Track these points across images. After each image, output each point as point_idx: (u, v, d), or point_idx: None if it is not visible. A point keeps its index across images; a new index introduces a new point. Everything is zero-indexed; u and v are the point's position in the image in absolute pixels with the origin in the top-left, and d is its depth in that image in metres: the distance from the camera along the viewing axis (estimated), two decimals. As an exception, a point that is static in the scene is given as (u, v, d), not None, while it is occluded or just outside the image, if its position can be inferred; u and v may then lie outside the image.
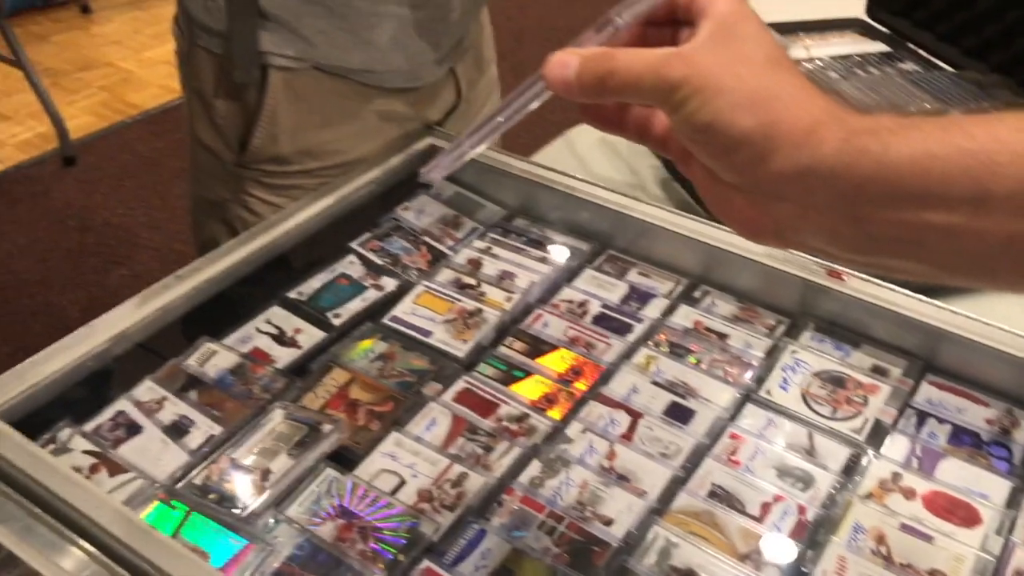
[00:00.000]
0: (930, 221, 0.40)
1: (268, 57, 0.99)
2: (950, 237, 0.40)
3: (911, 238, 0.41)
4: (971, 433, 0.79)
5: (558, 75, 0.46)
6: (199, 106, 1.05)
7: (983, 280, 0.43)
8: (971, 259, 0.41)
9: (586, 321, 0.89)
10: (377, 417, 0.78)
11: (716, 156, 0.45)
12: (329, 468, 0.72)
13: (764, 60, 0.43)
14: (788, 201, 0.43)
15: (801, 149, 0.41)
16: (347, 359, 0.83)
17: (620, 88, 0.45)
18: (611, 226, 0.98)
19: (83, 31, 3.91)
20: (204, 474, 0.71)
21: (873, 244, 0.43)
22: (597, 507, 0.71)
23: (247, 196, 1.06)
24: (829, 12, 1.37)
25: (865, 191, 0.41)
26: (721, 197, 0.46)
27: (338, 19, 0.98)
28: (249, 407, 0.77)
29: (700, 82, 0.43)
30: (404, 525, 0.68)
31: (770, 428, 0.78)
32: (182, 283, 0.83)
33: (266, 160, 1.04)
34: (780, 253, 0.88)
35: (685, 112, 0.44)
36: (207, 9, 0.99)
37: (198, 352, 0.82)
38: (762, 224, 0.46)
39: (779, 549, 0.68)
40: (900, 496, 0.73)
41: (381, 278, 0.93)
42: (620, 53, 0.45)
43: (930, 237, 0.40)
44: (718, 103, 0.42)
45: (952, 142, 0.39)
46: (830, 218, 0.42)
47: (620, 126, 0.52)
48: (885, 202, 0.40)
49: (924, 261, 0.42)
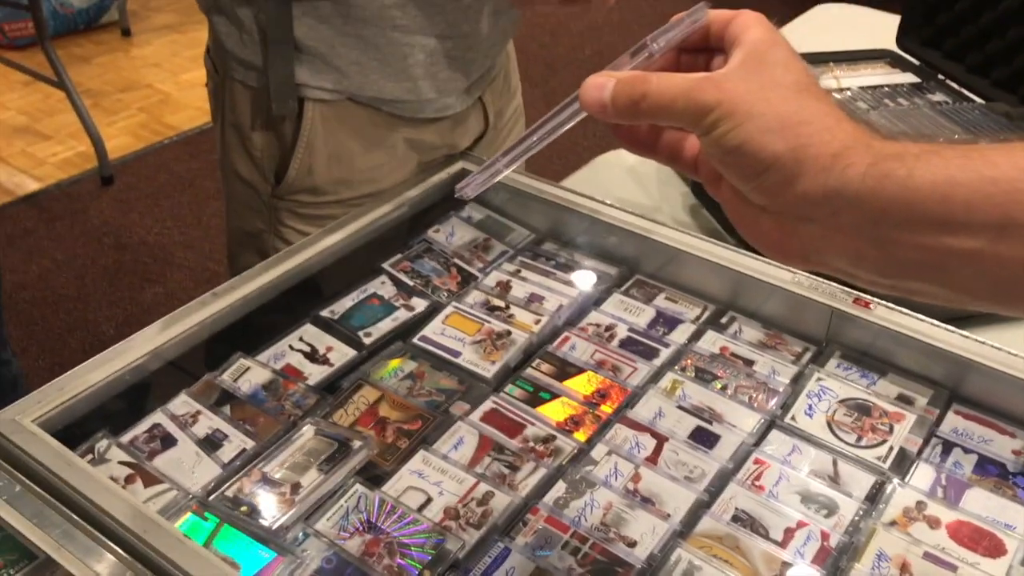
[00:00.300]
0: (952, 246, 0.41)
1: (304, 89, 1.01)
2: (971, 262, 0.41)
3: (933, 262, 0.42)
4: (997, 463, 0.78)
5: (594, 97, 0.48)
6: (235, 139, 1.08)
7: (1004, 305, 0.44)
8: (992, 284, 0.42)
9: (613, 345, 0.90)
10: (405, 435, 0.79)
11: (745, 178, 0.46)
12: (358, 484, 0.73)
13: (794, 86, 0.45)
14: (815, 223, 0.45)
15: (829, 172, 0.43)
16: (377, 377, 0.85)
17: (653, 110, 0.46)
18: (639, 251, 0.99)
19: (123, 53, 3.99)
20: (236, 487, 0.73)
21: (897, 267, 0.44)
22: (621, 528, 0.71)
23: (283, 227, 1.09)
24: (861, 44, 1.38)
25: (889, 215, 0.42)
26: (749, 218, 0.48)
27: (372, 50, 1.00)
28: (281, 422, 0.79)
29: (731, 106, 0.44)
30: (430, 542, 0.69)
31: (795, 454, 0.78)
32: (218, 300, 0.85)
33: (302, 191, 1.07)
34: (807, 280, 0.88)
35: (716, 135, 0.45)
36: (242, 43, 1.02)
37: (232, 367, 0.84)
38: (789, 245, 0.47)
39: (802, 575, 0.68)
40: (924, 525, 0.73)
41: (412, 299, 0.95)
42: (654, 77, 0.46)
43: (952, 262, 0.41)
44: (748, 127, 0.44)
45: (975, 169, 0.40)
46: (855, 240, 0.44)
47: (653, 149, 0.53)
48: (909, 226, 0.41)
49: (946, 285, 0.43)
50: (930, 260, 0.42)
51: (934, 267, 0.42)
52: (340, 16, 0.98)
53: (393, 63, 1.01)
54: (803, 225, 0.46)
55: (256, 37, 1.00)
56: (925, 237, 0.41)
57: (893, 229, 0.42)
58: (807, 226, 0.45)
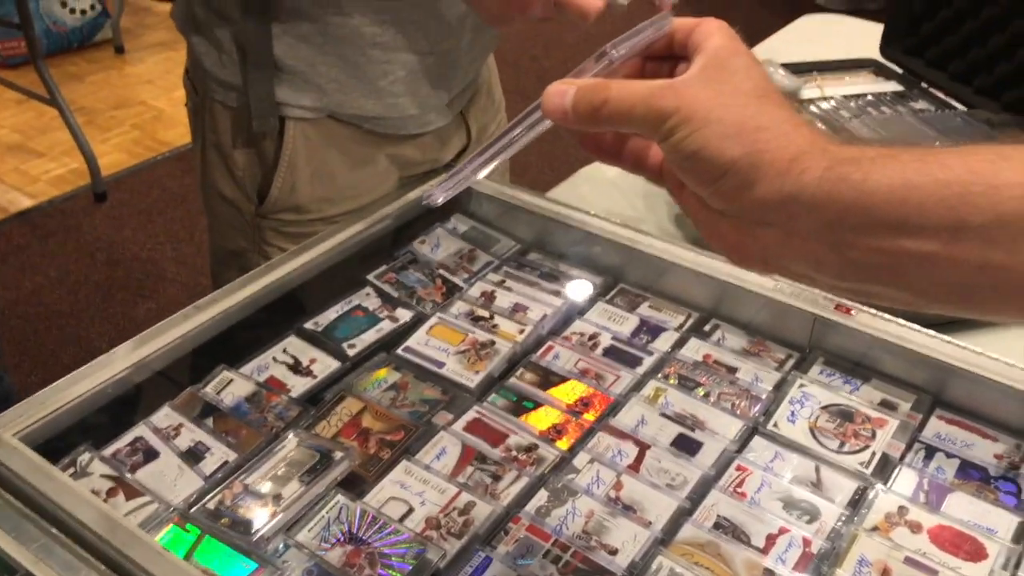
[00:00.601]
0: (908, 249, 0.41)
1: (285, 108, 1.02)
2: (927, 264, 0.41)
3: (890, 265, 0.42)
4: (979, 468, 0.79)
5: (556, 104, 0.48)
6: (217, 159, 1.08)
7: (961, 307, 0.44)
8: (948, 286, 0.42)
9: (596, 353, 0.90)
10: (388, 446, 0.79)
11: (703, 183, 0.47)
12: (339, 495, 0.73)
13: (752, 92, 0.45)
14: (773, 227, 0.45)
15: (784, 177, 0.43)
16: (360, 389, 0.85)
17: (612, 117, 0.47)
18: (623, 261, 0.99)
19: (117, 71, 4.00)
20: (218, 499, 0.73)
21: (854, 271, 0.44)
22: (602, 537, 0.71)
23: (267, 245, 1.09)
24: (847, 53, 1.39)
25: (845, 219, 0.42)
26: (711, 223, 0.48)
27: (351, 68, 1.01)
28: (263, 434, 0.79)
29: (689, 112, 0.45)
30: (411, 552, 0.69)
31: (777, 461, 0.78)
32: (201, 313, 0.85)
33: (285, 209, 1.07)
34: (789, 288, 0.89)
35: (674, 140, 0.46)
36: (221, 63, 1.02)
37: (215, 380, 0.84)
38: (748, 250, 0.47)
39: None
40: (906, 530, 0.73)
41: (396, 310, 0.95)
42: (614, 84, 0.47)
43: (908, 264, 0.42)
44: (705, 132, 0.44)
45: (929, 172, 0.40)
46: (813, 244, 0.44)
47: (618, 156, 0.54)
48: (865, 230, 0.42)
49: (903, 288, 0.43)
50: (887, 263, 0.42)
51: (891, 270, 0.43)
52: (319, 34, 0.98)
53: (373, 80, 1.02)
54: (761, 229, 0.46)
55: (235, 57, 1.00)
56: (881, 240, 0.42)
57: (849, 233, 0.42)
58: (765, 230, 0.46)
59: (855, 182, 0.41)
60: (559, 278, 1.00)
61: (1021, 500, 0.76)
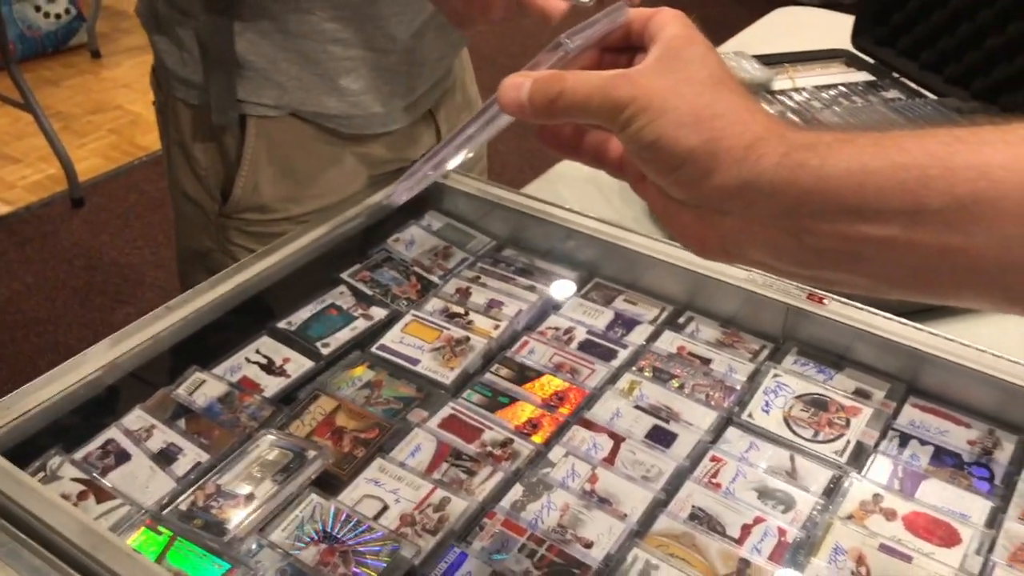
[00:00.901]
0: (867, 234, 0.41)
1: (246, 106, 1.01)
2: (886, 249, 0.41)
3: (850, 251, 0.42)
4: (953, 454, 0.79)
5: (512, 97, 0.48)
6: (180, 157, 1.08)
7: (921, 292, 0.43)
8: (908, 271, 0.42)
9: (571, 347, 0.90)
10: (362, 444, 0.79)
11: (662, 173, 0.46)
12: (313, 494, 0.73)
13: (708, 80, 0.45)
14: (732, 215, 0.45)
15: (742, 164, 0.43)
16: (334, 387, 0.84)
17: (569, 108, 0.47)
18: (598, 255, 0.99)
19: (93, 75, 3.97)
20: (190, 500, 0.72)
21: (814, 257, 0.44)
22: (578, 530, 0.71)
23: (232, 245, 1.08)
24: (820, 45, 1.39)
25: (804, 204, 0.42)
26: (672, 214, 0.48)
27: (311, 65, 1.00)
28: (236, 435, 0.78)
29: (645, 102, 0.44)
30: (385, 549, 0.69)
31: (752, 451, 0.79)
32: (172, 314, 0.84)
33: (249, 209, 1.06)
34: (761, 278, 0.89)
35: (631, 131, 0.46)
36: (183, 61, 1.01)
37: (188, 381, 0.84)
38: (709, 239, 0.47)
39: (758, 571, 0.68)
40: (881, 517, 0.73)
41: (371, 308, 0.95)
42: (569, 75, 0.46)
43: (868, 250, 0.41)
44: (662, 122, 0.44)
45: (887, 156, 0.40)
46: (772, 231, 0.44)
47: (577, 150, 0.53)
48: (823, 215, 0.42)
49: (864, 274, 0.43)
50: (846, 249, 0.42)
51: (851, 256, 0.42)
52: (279, 31, 0.97)
53: (334, 78, 1.01)
54: (721, 218, 0.46)
55: (196, 55, 1.00)
56: (840, 226, 0.41)
57: (808, 218, 0.42)
58: (725, 219, 0.46)
59: (813, 168, 0.41)
60: (534, 273, 1.00)
61: (994, 485, 0.76)
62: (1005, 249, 0.38)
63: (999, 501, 0.74)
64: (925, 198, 0.39)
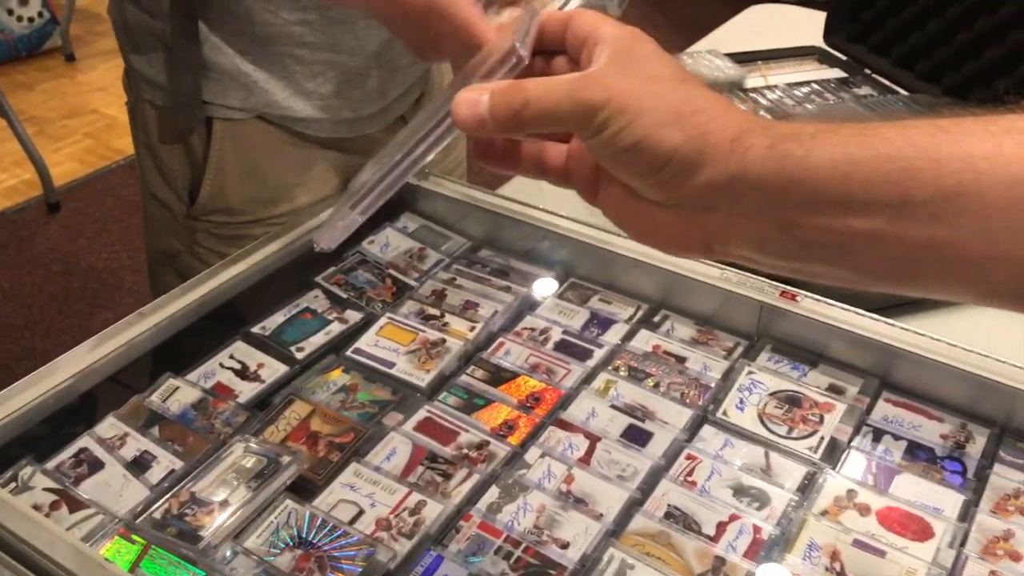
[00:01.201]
0: (853, 226, 0.40)
1: (212, 108, 1.00)
2: (872, 242, 0.40)
3: (836, 243, 0.41)
4: (926, 448, 0.79)
5: (470, 113, 0.45)
6: (149, 159, 1.07)
7: (907, 286, 0.43)
8: (894, 264, 0.41)
9: (547, 348, 0.90)
10: (337, 448, 0.78)
11: (643, 175, 0.45)
12: (288, 499, 0.73)
13: (673, 77, 0.44)
14: (717, 211, 0.44)
15: (730, 157, 0.42)
16: (309, 392, 0.84)
17: (536, 118, 0.44)
18: (573, 255, 0.99)
19: (68, 79, 3.94)
20: (164, 508, 0.72)
21: (799, 250, 0.43)
22: (554, 531, 0.71)
23: (200, 248, 1.07)
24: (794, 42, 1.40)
25: (790, 196, 0.41)
26: (641, 217, 0.47)
27: (279, 68, 0.99)
28: (210, 441, 0.78)
29: (621, 103, 0.43)
30: (361, 554, 0.68)
31: (727, 448, 0.79)
32: (145, 320, 0.83)
33: (216, 211, 1.05)
34: (735, 276, 0.89)
35: (608, 134, 0.44)
36: (150, 62, 1.01)
37: (161, 388, 0.83)
38: (690, 238, 0.46)
39: (734, 568, 0.69)
40: (855, 512, 0.74)
41: (345, 311, 0.94)
42: (530, 83, 0.44)
43: (854, 242, 0.41)
44: (643, 121, 0.42)
45: (871, 147, 0.39)
46: (759, 225, 0.43)
47: (515, 163, 0.51)
48: (810, 207, 0.41)
49: (849, 267, 0.43)
50: (832, 241, 0.41)
51: (836, 248, 0.42)
52: (246, 34, 0.97)
53: (301, 82, 1.01)
54: (705, 215, 0.45)
55: (162, 56, 0.99)
56: (826, 218, 0.41)
57: (795, 211, 0.42)
58: (709, 215, 0.45)
59: (798, 159, 0.41)
60: (510, 274, 1.00)
61: (966, 479, 0.77)
62: (990, 242, 0.38)
63: (971, 495, 0.75)
64: (911, 190, 0.38)
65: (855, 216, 0.40)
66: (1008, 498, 0.75)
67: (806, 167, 0.41)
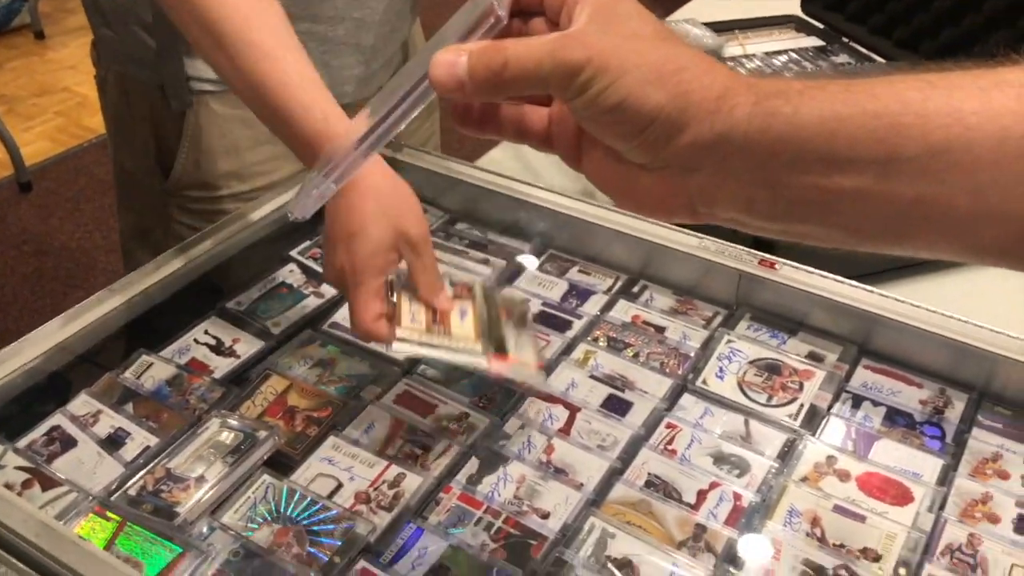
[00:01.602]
0: (840, 185, 0.39)
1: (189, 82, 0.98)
2: (860, 200, 0.40)
3: (823, 201, 0.41)
4: (905, 414, 0.80)
5: (448, 75, 0.43)
6: (121, 134, 1.05)
7: (895, 244, 0.42)
8: (882, 223, 0.41)
9: (525, 320, 0.89)
10: (315, 423, 0.77)
11: (627, 136, 0.43)
12: (266, 474, 0.72)
13: (655, 35, 0.42)
14: (702, 172, 0.42)
15: (715, 116, 0.41)
16: (285, 367, 0.83)
17: (517, 79, 0.42)
18: (551, 226, 0.98)
19: (38, 57, 3.88)
20: (139, 485, 0.71)
21: (787, 209, 0.42)
22: (534, 501, 0.71)
23: (175, 224, 1.06)
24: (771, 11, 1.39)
25: (778, 155, 0.40)
26: (625, 181, 0.46)
27: None
28: (185, 417, 0.77)
29: (602, 62, 0.41)
30: (340, 528, 0.68)
31: (707, 417, 0.79)
32: (115, 296, 0.82)
33: (191, 186, 1.04)
34: (713, 245, 0.88)
35: (591, 94, 0.42)
36: (125, 35, 0.99)
37: (135, 365, 0.82)
38: (674, 201, 0.45)
39: (715, 535, 0.68)
40: (835, 479, 0.74)
41: (322, 286, 0.93)
42: (509, 44, 0.42)
43: (841, 201, 0.40)
44: (626, 81, 0.41)
45: (858, 103, 0.39)
46: (745, 185, 0.42)
47: (495, 127, 0.49)
48: (797, 165, 0.40)
49: (836, 225, 0.42)
50: (819, 199, 0.41)
51: (824, 207, 0.41)
52: None
53: None
54: (690, 176, 0.43)
55: (131, 27, 0.97)
56: (814, 176, 0.40)
57: (782, 169, 0.41)
58: (694, 176, 0.43)
59: (786, 116, 0.39)
60: (487, 247, 0.99)
61: (945, 444, 0.77)
62: (978, 197, 0.37)
63: (950, 459, 0.75)
64: (898, 147, 0.37)
65: (842, 174, 0.39)
66: (986, 462, 0.75)
67: (793, 124, 0.40)
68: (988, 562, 0.67)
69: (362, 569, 0.66)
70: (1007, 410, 0.80)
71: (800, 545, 0.68)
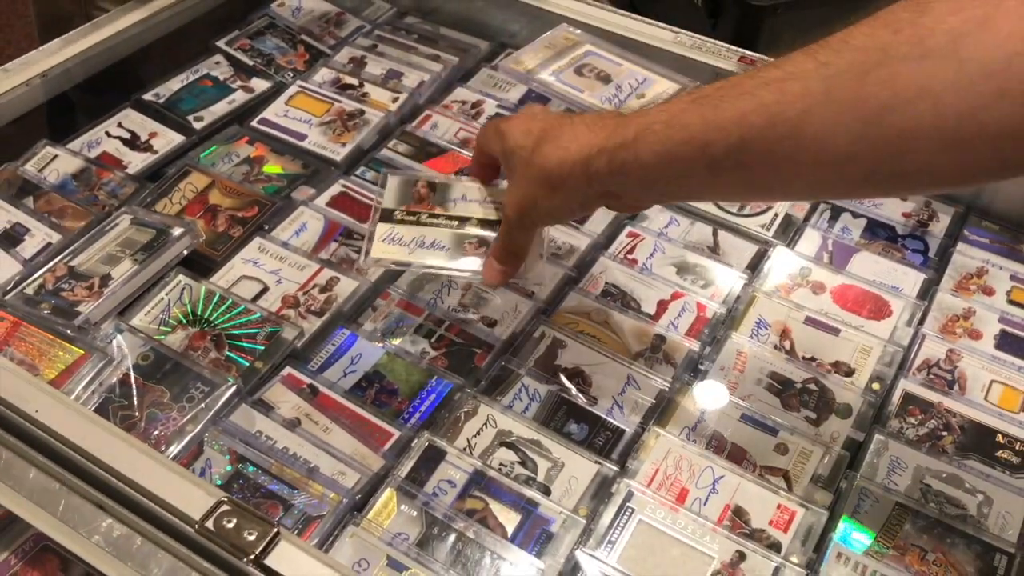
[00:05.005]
0: (688, 187, 0.52)
1: None
2: (704, 190, 0.54)
3: (686, 196, 0.62)
4: (887, 227, 0.73)
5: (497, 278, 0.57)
6: None
7: (757, 200, 0.66)
8: (738, 195, 0.63)
9: (479, 122, 0.81)
10: (239, 222, 0.70)
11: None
12: (181, 275, 0.65)
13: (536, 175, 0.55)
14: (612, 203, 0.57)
15: (588, 188, 0.53)
16: (207, 163, 0.74)
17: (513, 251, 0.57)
18: (509, 19, 0.89)
19: None
20: (38, 283, 0.63)
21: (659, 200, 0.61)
22: (481, 309, 0.65)
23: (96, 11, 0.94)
24: None
25: (644, 184, 0.52)
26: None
27: None
28: (93, 213, 0.69)
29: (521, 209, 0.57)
30: (263, 332, 0.61)
31: (672, 227, 0.72)
32: (12, 77, 0.72)
33: None
34: (689, 40, 0.80)
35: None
36: None
37: (37, 156, 0.73)
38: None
39: (675, 346, 0.63)
40: (808, 291, 0.68)
41: (251, 80, 0.84)
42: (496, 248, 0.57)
43: (690, 195, 0.62)
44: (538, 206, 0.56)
45: (671, 137, 0.49)
46: (638, 200, 0.57)
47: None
48: (653, 189, 0.53)
49: (699, 199, 0.67)
50: (683, 196, 0.62)
51: (686, 197, 0.63)
52: None
53: None
54: (606, 201, 0.56)
55: None
56: (665, 190, 0.54)
57: (645, 192, 0.54)
58: (610, 202, 0.56)
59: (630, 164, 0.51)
60: (439, 42, 0.90)
61: (928, 258, 0.71)
62: (796, 166, 0.46)
63: (932, 273, 0.69)
64: (712, 156, 0.47)
65: (681, 183, 0.52)
66: (970, 277, 0.69)
67: (641, 164, 0.51)
68: (967, 378, 0.62)
69: (288, 375, 0.60)
70: (994, 224, 0.74)
71: (767, 357, 0.62)
